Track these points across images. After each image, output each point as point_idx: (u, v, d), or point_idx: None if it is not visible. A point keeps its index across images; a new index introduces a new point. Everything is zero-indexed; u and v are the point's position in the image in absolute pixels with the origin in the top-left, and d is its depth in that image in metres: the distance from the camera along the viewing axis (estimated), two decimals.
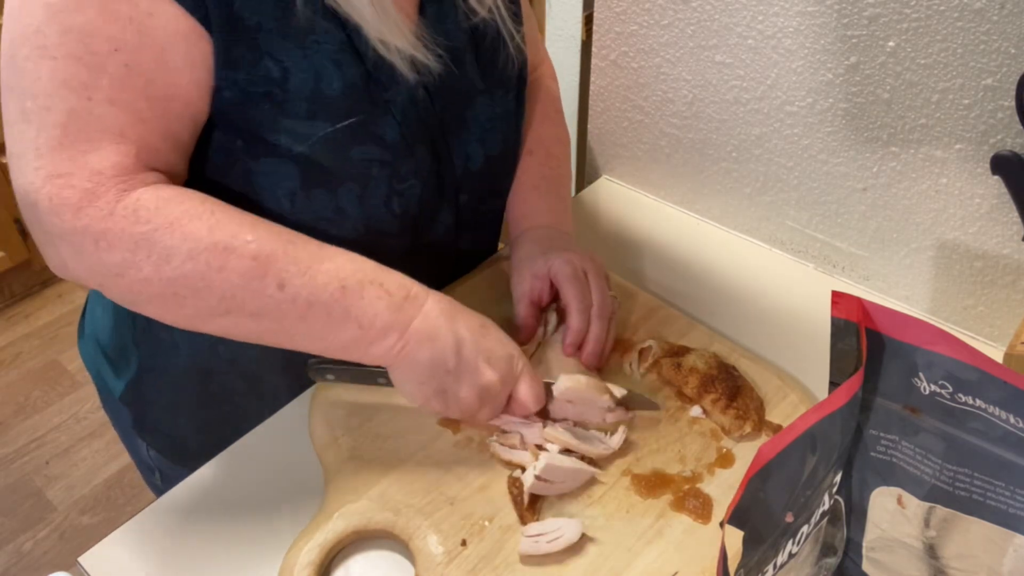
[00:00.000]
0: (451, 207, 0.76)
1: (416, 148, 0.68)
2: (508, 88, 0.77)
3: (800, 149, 0.88)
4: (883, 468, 0.54)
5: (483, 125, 0.75)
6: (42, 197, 0.54)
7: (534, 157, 0.83)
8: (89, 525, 1.75)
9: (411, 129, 0.67)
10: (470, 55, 0.73)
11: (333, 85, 0.62)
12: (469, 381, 0.64)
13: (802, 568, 0.53)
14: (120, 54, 0.54)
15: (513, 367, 0.66)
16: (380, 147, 0.66)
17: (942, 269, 0.84)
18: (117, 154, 0.55)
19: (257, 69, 0.59)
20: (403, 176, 0.68)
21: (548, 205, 0.82)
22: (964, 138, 0.76)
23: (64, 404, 2.01)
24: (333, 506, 0.64)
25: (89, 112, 0.54)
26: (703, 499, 0.65)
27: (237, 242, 0.57)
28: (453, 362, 0.63)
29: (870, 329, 0.50)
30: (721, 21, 0.87)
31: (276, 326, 0.59)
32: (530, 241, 0.79)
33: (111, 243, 0.55)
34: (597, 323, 0.73)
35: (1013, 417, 0.46)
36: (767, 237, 0.98)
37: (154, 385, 0.82)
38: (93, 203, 0.54)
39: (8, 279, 2.24)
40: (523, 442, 0.67)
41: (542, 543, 0.61)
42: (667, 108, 0.98)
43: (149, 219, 0.55)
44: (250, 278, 0.57)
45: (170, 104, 0.58)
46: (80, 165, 0.54)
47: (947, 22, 0.72)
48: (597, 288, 0.74)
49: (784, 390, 0.75)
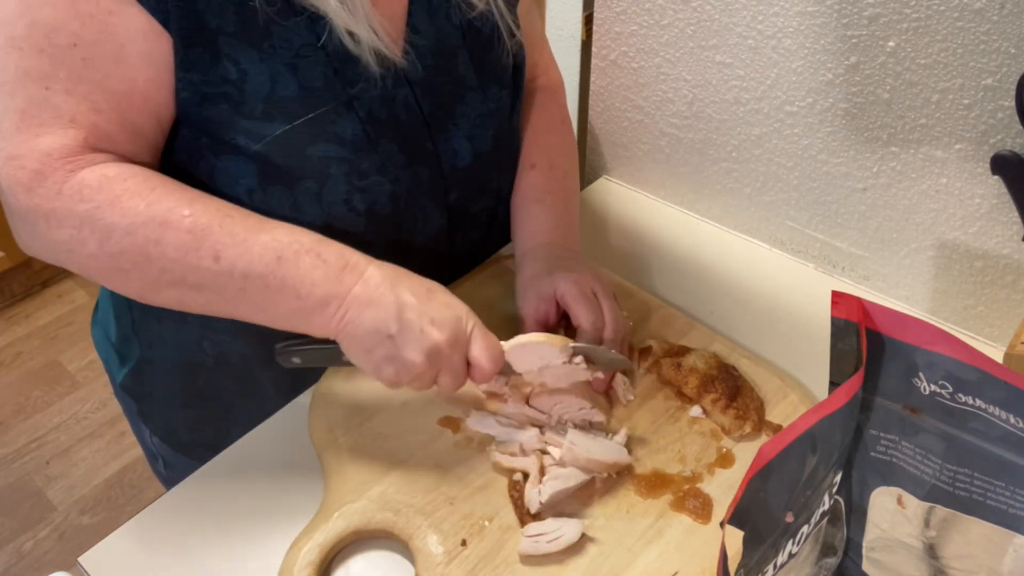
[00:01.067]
0: (440, 206, 0.75)
1: (381, 144, 0.68)
2: (503, 84, 0.76)
3: (800, 149, 0.88)
4: (883, 468, 0.54)
5: (472, 121, 0.74)
6: (1, 177, 0.58)
7: (537, 170, 0.82)
8: (89, 525, 1.75)
9: (377, 126, 0.67)
10: (463, 51, 0.72)
11: (289, 88, 0.63)
12: (415, 344, 0.61)
13: (802, 568, 0.53)
14: (79, 49, 0.57)
15: (462, 327, 0.63)
16: (337, 144, 0.66)
17: (942, 269, 0.84)
18: (66, 137, 0.58)
19: (215, 71, 0.61)
20: (364, 172, 0.68)
21: (553, 220, 0.81)
22: (964, 138, 0.76)
23: (64, 404, 2.01)
24: (333, 506, 0.64)
25: (46, 100, 0.58)
26: (703, 499, 0.65)
27: (173, 216, 0.59)
28: (396, 327, 0.61)
29: (870, 329, 0.50)
30: (721, 21, 0.87)
31: (218, 298, 0.61)
32: (535, 260, 0.77)
33: (59, 221, 0.58)
34: (611, 343, 0.71)
35: (1013, 417, 0.46)
36: (767, 237, 0.98)
37: (150, 377, 0.83)
38: (42, 183, 0.57)
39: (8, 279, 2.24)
40: (523, 450, 0.67)
41: (542, 543, 0.61)
42: (667, 108, 0.98)
43: (92, 197, 0.58)
44: (186, 251, 0.59)
45: (128, 98, 0.60)
46: (31, 147, 0.57)
47: (947, 22, 0.72)
48: (608, 309, 0.72)
49: (784, 390, 0.75)
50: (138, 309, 0.80)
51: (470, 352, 0.64)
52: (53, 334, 2.19)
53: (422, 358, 0.61)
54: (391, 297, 0.62)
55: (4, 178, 0.58)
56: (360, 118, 0.66)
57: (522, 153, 0.84)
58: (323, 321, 0.62)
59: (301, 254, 0.61)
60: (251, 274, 0.60)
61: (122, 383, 0.86)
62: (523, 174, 0.83)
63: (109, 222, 0.58)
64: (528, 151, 0.83)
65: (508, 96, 0.77)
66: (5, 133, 0.58)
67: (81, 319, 2.22)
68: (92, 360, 2.11)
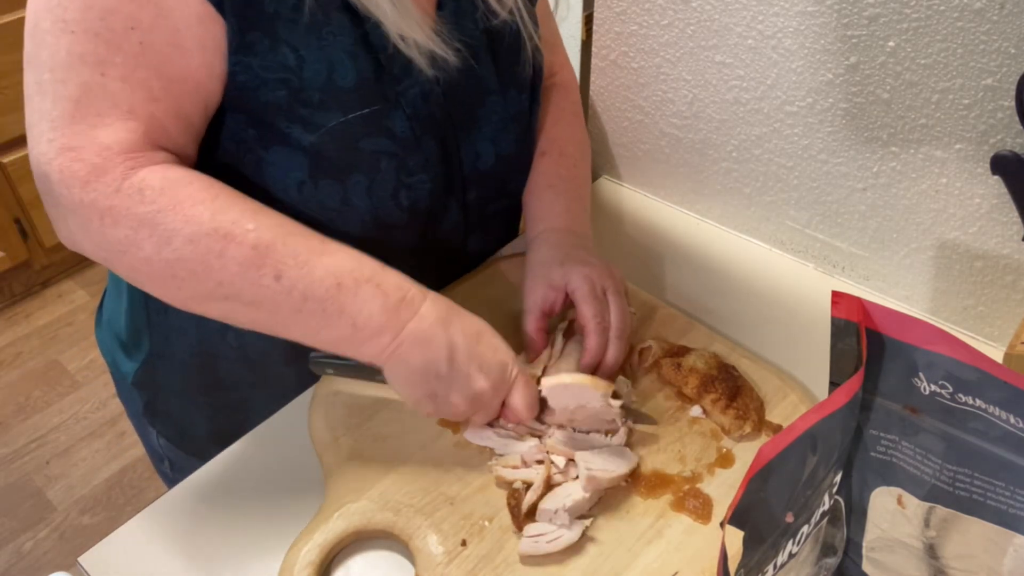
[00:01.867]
0: (459, 205, 0.76)
1: (424, 142, 0.68)
2: (523, 88, 0.77)
3: (800, 149, 0.88)
4: (883, 468, 0.54)
5: (495, 124, 0.75)
6: (53, 169, 0.55)
7: (547, 157, 0.83)
8: (89, 525, 1.75)
9: (420, 123, 0.68)
10: (486, 55, 0.73)
11: (347, 77, 0.63)
12: (461, 388, 0.63)
13: (802, 568, 0.53)
14: (136, 32, 0.56)
15: (506, 375, 0.65)
16: (389, 139, 0.66)
17: (942, 269, 0.84)
18: (125, 130, 0.56)
19: (274, 56, 0.60)
20: (411, 170, 0.68)
21: (564, 205, 0.81)
22: (964, 138, 0.76)
23: (64, 404, 2.01)
24: (333, 506, 0.64)
25: (102, 87, 0.56)
26: (703, 499, 0.65)
27: (237, 229, 0.57)
28: (445, 369, 0.62)
29: (870, 329, 0.50)
30: (721, 21, 0.87)
31: (271, 316, 0.60)
32: (547, 245, 0.77)
33: (116, 220, 0.56)
34: (616, 344, 0.71)
35: (1013, 417, 0.46)
36: (767, 237, 0.98)
37: (164, 369, 0.83)
38: (100, 178, 0.55)
39: (8, 279, 2.24)
40: (524, 461, 0.66)
41: (542, 543, 0.61)
42: (667, 108, 0.98)
43: (154, 200, 0.56)
44: (247, 267, 0.57)
45: (182, 85, 0.59)
46: (90, 139, 0.55)
47: (947, 22, 0.72)
48: (616, 307, 0.72)
49: (784, 390, 0.75)
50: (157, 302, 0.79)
51: (509, 398, 0.66)
52: (53, 334, 2.19)
53: (465, 402, 0.64)
54: (443, 338, 0.62)
55: (57, 170, 0.55)
56: (407, 114, 0.66)
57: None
58: (373, 351, 0.62)
59: (361, 283, 0.60)
60: (311, 297, 0.59)
61: (133, 379, 0.85)
62: (534, 162, 0.83)
63: (171, 227, 0.56)
64: (539, 141, 0.84)
65: (527, 100, 0.78)
66: (58, 123, 0.55)
67: (81, 319, 2.23)
68: (92, 360, 2.11)
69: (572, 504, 0.62)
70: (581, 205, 0.82)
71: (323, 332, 0.61)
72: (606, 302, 0.72)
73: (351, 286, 0.60)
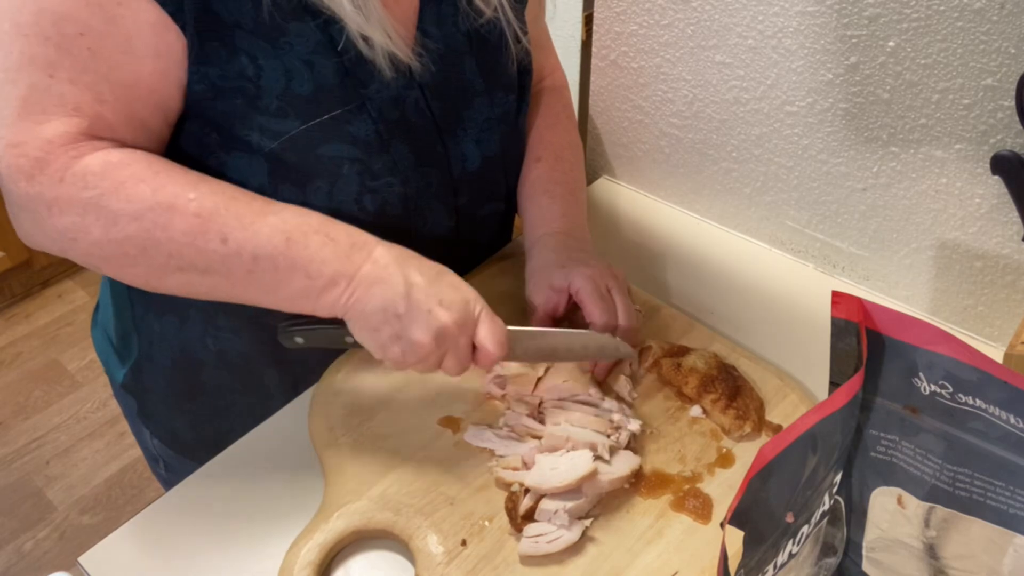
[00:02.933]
0: (449, 209, 0.75)
1: (393, 146, 0.68)
2: (509, 89, 0.77)
3: (800, 149, 0.88)
4: (883, 468, 0.54)
5: (480, 126, 0.74)
6: (2, 166, 0.57)
7: (543, 163, 0.83)
8: (89, 525, 1.75)
9: (389, 127, 0.67)
10: (470, 57, 0.72)
11: (304, 85, 0.63)
12: (423, 324, 0.61)
13: (802, 568, 0.53)
14: (86, 38, 0.57)
15: (470, 310, 0.63)
16: (351, 144, 0.66)
17: (942, 269, 0.84)
18: (68, 125, 0.58)
19: (232, 65, 0.61)
20: (376, 174, 0.68)
21: (562, 209, 0.81)
22: (964, 138, 0.76)
23: (64, 404, 2.01)
24: (333, 506, 0.64)
25: (48, 88, 0.57)
26: (703, 499, 0.65)
27: (179, 200, 0.58)
28: (404, 306, 0.61)
29: (870, 329, 0.50)
30: (721, 21, 0.87)
31: (226, 281, 0.61)
32: (547, 249, 0.77)
33: (62, 208, 0.57)
34: None
35: (1013, 417, 0.46)
36: (767, 237, 0.98)
37: (150, 374, 0.83)
38: (44, 171, 0.57)
39: (8, 279, 2.24)
40: (524, 463, 0.66)
41: (542, 544, 0.61)
42: (667, 108, 0.98)
43: (96, 184, 0.57)
44: (194, 235, 0.58)
45: (133, 89, 0.60)
46: (34, 135, 0.57)
47: (947, 22, 0.72)
48: (622, 306, 0.72)
49: (784, 390, 0.75)
50: (140, 305, 0.80)
51: (476, 335, 0.64)
52: (53, 334, 2.19)
53: (429, 338, 0.61)
54: (400, 276, 0.62)
55: (5, 167, 0.57)
56: (373, 118, 0.66)
57: (528, 149, 0.84)
58: (331, 300, 0.62)
59: (309, 234, 0.61)
60: (260, 255, 0.60)
61: (123, 382, 0.86)
62: (530, 168, 0.83)
63: (114, 208, 0.57)
64: (533, 146, 0.84)
65: (514, 101, 0.78)
66: (6, 121, 0.57)
67: (81, 319, 2.22)
68: (92, 360, 2.11)
69: (572, 505, 0.62)
70: (579, 209, 0.83)
71: (278, 290, 0.61)
72: (611, 300, 0.72)
73: (300, 239, 0.60)
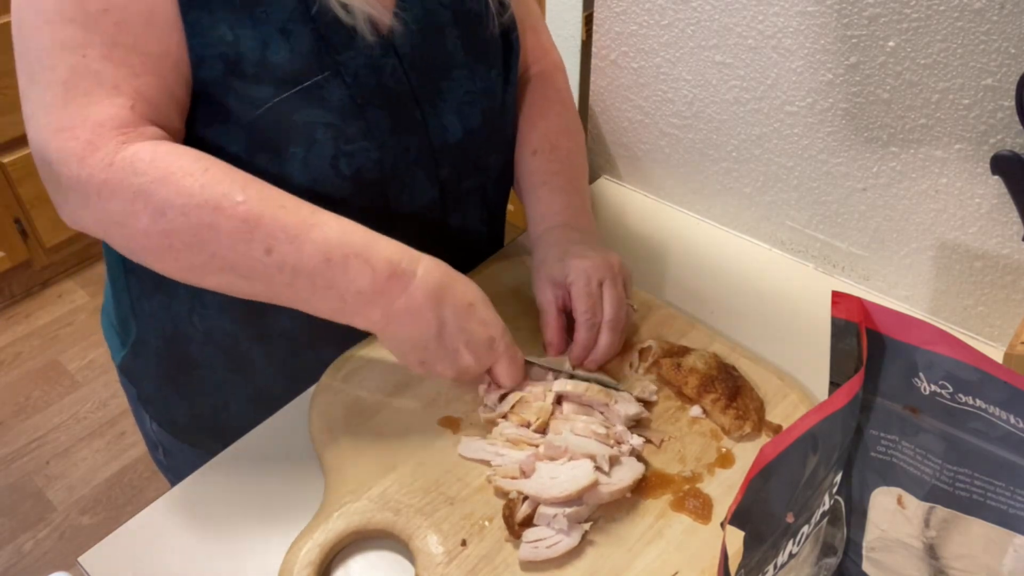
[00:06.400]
0: (432, 180, 0.75)
1: (368, 111, 0.68)
2: (492, 64, 0.76)
3: (800, 149, 0.88)
4: (883, 468, 0.54)
5: (460, 98, 0.74)
6: (51, 150, 0.58)
7: (539, 155, 0.82)
8: (89, 525, 1.75)
9: (364, 92, 0.68)
10: (452, 28, 0.73)
11: (280, 53, 0.64)
12: (448, 362, 0.66)
13: (802, 568, 0.53)
14: (109, 14, 0.58)
15: (493, 350, 0.68)
16: (323, 109, 0.66)
17: (942, 269, 0.84)
18: (114, 107, 0.59)
19: (213, 33, 0.62)
20: (351, 137, 0.68)
21: (562, 201, 0.81)
22: (964, 138, 0.76)
23: (64, 404, 2.01)
24: (333, 506, 0.64)
25: (86, 67, 0.58)
26: (703, 499, 0.65)
27: (227, 202, 0.58)
28: (434, 345, 0.65)
29: (870, 329, 0.50)
30: (721, 21, 0.87)
31: (266, 289, 0.62)
32: (547, 244, 0.78)
33: (112, 191, 0.57)
34: (607, 335, 0.72)
35: (1013, 417, 0.46)
36: (767, 237, 0.98)
37: (145, 356, 0.84)
38: (94, 154, 0.57)
39: (8, 279, 2.24)
40: (523, 471, 0.66)
41: (541, 548, 0.61)
42: (667, 108, 0.98)
43: (145, 171, 0.57)
44: (238, 239, 0.59)
45: (162, 61, 0.61)
46: (82, 118, 0.58)
47: (947, 22, 0.72)
48: (610, 300, 0.73)
49: (784, 390, 0.75)
50: (135, 288, 0.80)
51: (494, 370, 0.69)
52: (53, 334, 2.19)
53: (451, 373, 0.68)
54: (432, 316, 0.64)
55: (55, 150, 0.58)
56: (347, 83, 0.67)
57: (521, 140, 0.84)
58: (365, 323, 0.64)
59: (350, 257, 0.61)
60: (300, 272, 0.60)
61: (121, 365, 0.87)
62: (526, 161, 0.83)
63: (163, 198, 0.57)
64: (527, 137, 0.83)
65: (498, 76, 0.77)
66: (52, 107, 0.58)
67: (81, 319, 2.23)
68: (92, 360, 2.11)
69: (572, 511, 0.62)
70: (580, 198, 0.82)
71: (314, 303, 0.63)
72: (600, 295, 0.72)
73: (339, 261, 0.61)
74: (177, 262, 0.60)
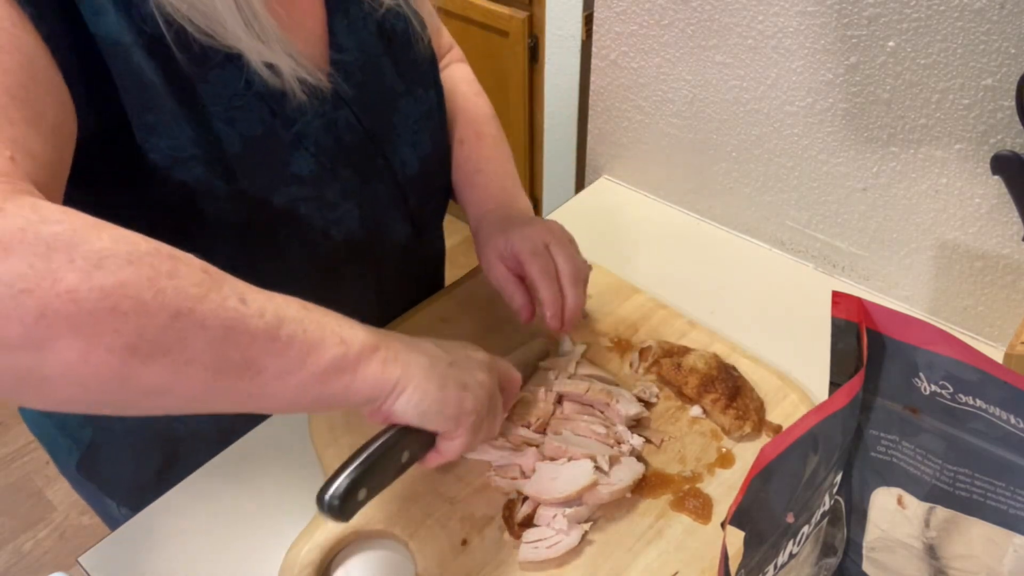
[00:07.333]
0: (404, 215, 0.75)
1: (338, 171, 0.67)
2: (427, 84, 0.76)
3: (800, 149, 0.88)
4: (883, 468, 0.54)
5: (411, 128, 0.74)
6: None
7: (467, 144, 0.82)
8: (89, 525, 1.75)
9: (328, 154, 0.66)
10: (386, 58, 0.71)
11: (234, 144, 0.60)
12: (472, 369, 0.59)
13: (802, 568, 0.53)
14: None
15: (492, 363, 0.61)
16: (298, 184, 0.64)
17: (942, 269, 0.84)
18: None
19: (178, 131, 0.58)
20: (332, 203, 0.67)
21: (498, 184, 0.81)
22: (964, 138, 0.76)
23: None
24: None
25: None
26: (703, 499, 0.65)
27: (179, 252, 0.45)
28: (446, 356, 0.57)
29: (870, 329, 0.50)
30: (721, 21, 0.87)
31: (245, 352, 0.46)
32: (489, 224, 0.77)
33: (8, 248, 0.39)
34: (571, 290, 0.70)
35: (1013, 417, 0.46)
36: (767, 237, 0.98)
37: (108, 455, 0.80)
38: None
39: None
40: (523, 472, 0.66)
41: (541, 549, 0.61)
42: (667, 108, 0.98)
43: (60, 218, 0.41)
44: (208, 288, 0.45)
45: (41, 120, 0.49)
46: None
47: (947, 22, 0.72)
48: (562, 256, 0.71)
49: (784, 390, 0.75)
50: None
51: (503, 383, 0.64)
52: None
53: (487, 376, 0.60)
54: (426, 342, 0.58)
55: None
56: (311, 152, 0.64)
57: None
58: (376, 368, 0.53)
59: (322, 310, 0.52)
60: (285, 317, 0.48)
61: (78, 467, 0.81)
62: (454, 151, 0.83)
63: (97, 247, 0.41)
64: (451, 128, 0.83)
65: (435, 95, 0.77)
66: None
67: None
68: None
69: (571, 511, 0.62)
70: (512, 180, 0.83)
71: (310, 359, 0.49)
72: (549, 255, 0.71)
73: (317, 309, 0.51)
74: (119, 335, 0.41)
